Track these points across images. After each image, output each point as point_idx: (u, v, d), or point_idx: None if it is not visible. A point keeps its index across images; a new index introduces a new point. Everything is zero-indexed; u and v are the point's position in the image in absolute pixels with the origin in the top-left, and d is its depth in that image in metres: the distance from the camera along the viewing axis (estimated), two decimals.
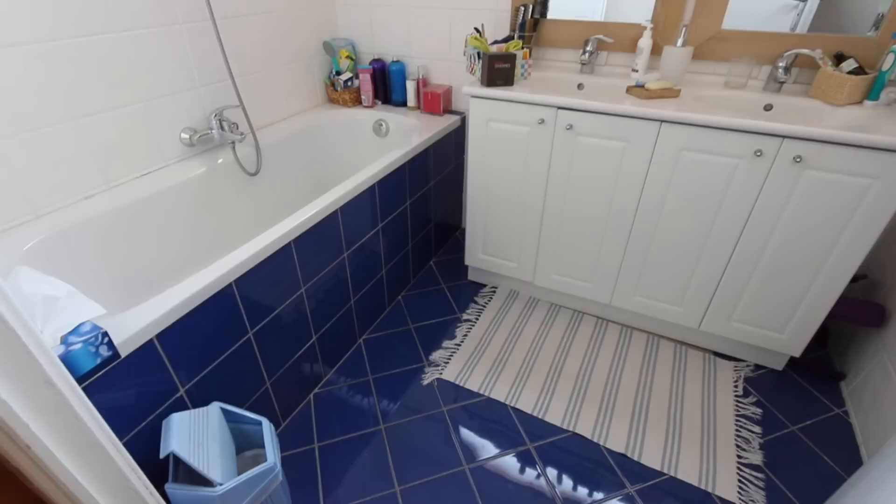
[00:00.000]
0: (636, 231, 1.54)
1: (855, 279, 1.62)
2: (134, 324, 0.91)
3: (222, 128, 1.67)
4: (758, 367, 1.64)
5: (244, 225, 1.82)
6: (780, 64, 1.44)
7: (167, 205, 1.53)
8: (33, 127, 1.24)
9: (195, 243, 1.65)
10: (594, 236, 1.63)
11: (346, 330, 1.66)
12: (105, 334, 0.82)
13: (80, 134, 1.34)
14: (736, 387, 1.56)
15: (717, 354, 1.68)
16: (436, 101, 2.00)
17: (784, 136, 1.22)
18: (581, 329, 1.79)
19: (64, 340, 0.79)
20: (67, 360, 0.77)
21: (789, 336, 1.48)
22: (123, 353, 0.88)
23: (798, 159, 1.22)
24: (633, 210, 1.51)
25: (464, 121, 2.07)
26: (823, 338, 1.73)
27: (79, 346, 0.79)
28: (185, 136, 1.61)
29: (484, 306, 1.91)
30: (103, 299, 1.37)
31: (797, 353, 1.50)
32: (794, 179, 1.26)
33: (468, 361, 1.65)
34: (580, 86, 1.68)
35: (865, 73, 1.36)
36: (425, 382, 1.59)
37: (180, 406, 1.06)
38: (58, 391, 0.62)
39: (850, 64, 1.38)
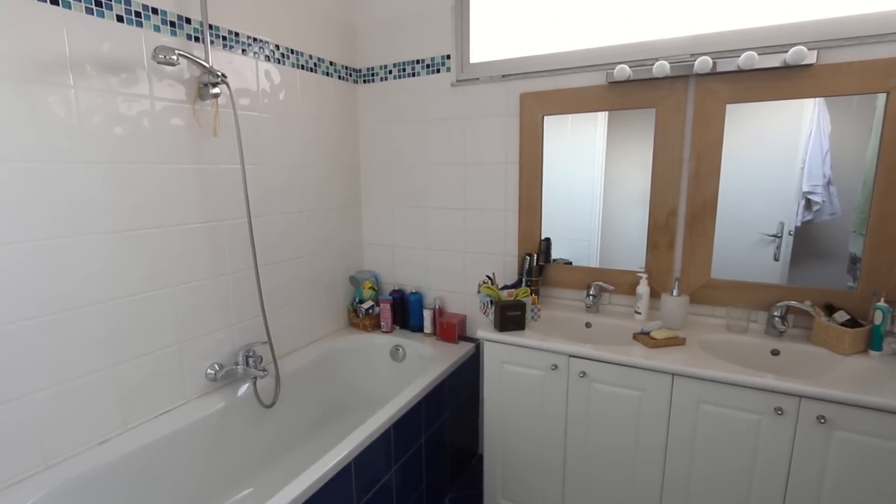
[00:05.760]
0: (668, 486, 1.42)
1: None
2: None
3: (247, 363, 1.74)
4: None
5: (253, 458, 1.74)
6: (776, 313, 1.53)
7: (180, 444, 1.50)
8: (70, 378, 1.31)
9: (201, 482, 1.56)
10: (623, 487, 1.50)
11: None
12: None
13: (112, 380, 1.40)
14: None
15: None
16: (451, 330, 2.11)
17: (801, 396, 1.23)
18: None
19: None
20: None
21: None
22: None
23: (822, 420, 1.19)
24: (661, 462, 1.42)
25: (478, 348, 2.14)
26: None
27: None
28: (210, 371, 1.68)
29: None
30: None
31: None
32: (824, 440, 1.21)
33: None
34: (588, 324, 1.78)
35: (860, 324, 1.43)
36: None
37: None
38: None
39: (842, 315, 1.46)
